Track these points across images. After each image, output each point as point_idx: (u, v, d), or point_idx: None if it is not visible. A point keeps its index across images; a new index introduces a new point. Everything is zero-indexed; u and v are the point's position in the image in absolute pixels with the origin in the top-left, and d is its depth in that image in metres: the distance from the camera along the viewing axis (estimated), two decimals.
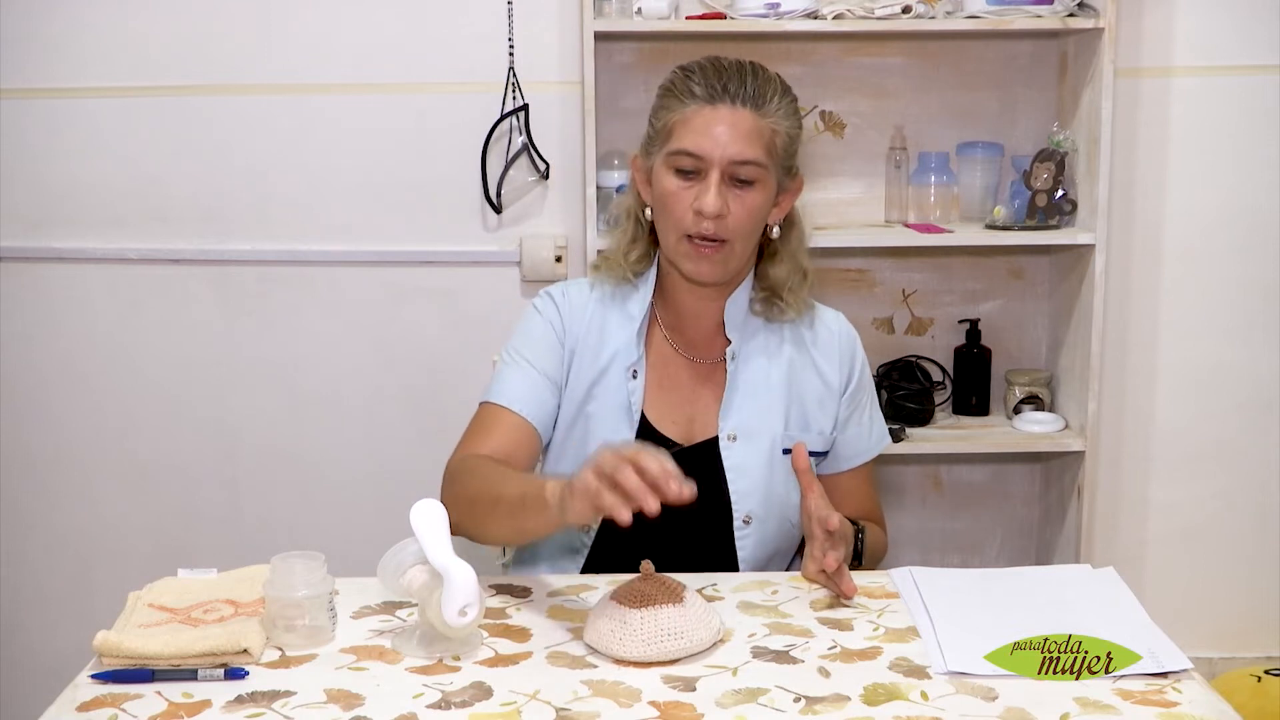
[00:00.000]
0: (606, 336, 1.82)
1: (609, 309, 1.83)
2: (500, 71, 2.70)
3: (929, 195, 2.74)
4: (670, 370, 1.83)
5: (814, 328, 1.86)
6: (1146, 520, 2.94)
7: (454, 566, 1.39)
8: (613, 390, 1.80)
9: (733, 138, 1.68)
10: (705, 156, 1.69)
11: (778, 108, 1.72)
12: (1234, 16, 2.73)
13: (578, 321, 1.83)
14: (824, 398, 1.85)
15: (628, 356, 1.80)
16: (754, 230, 1.74)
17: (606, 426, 1.79)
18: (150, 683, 1.36)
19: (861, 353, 1.90)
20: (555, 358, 1.81)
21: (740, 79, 1.71)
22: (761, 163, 1.70)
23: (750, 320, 1.83)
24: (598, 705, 1.30)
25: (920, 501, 2.96)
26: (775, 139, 1.71)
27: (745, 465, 1.79)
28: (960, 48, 2.76)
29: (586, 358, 1.81)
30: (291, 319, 2.85)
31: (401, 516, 1.43)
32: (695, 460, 1.77)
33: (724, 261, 1.73)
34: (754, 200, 1.71)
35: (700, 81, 1.71)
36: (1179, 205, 2.81)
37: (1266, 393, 2.87)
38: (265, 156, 2.78)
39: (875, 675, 1.37)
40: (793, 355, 1.84)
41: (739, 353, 1.81)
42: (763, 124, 1.70)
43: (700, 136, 1.69)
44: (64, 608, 2.93)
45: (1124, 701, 1.30)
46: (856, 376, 1.87)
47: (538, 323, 1.83)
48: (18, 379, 2.87)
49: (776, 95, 1.72)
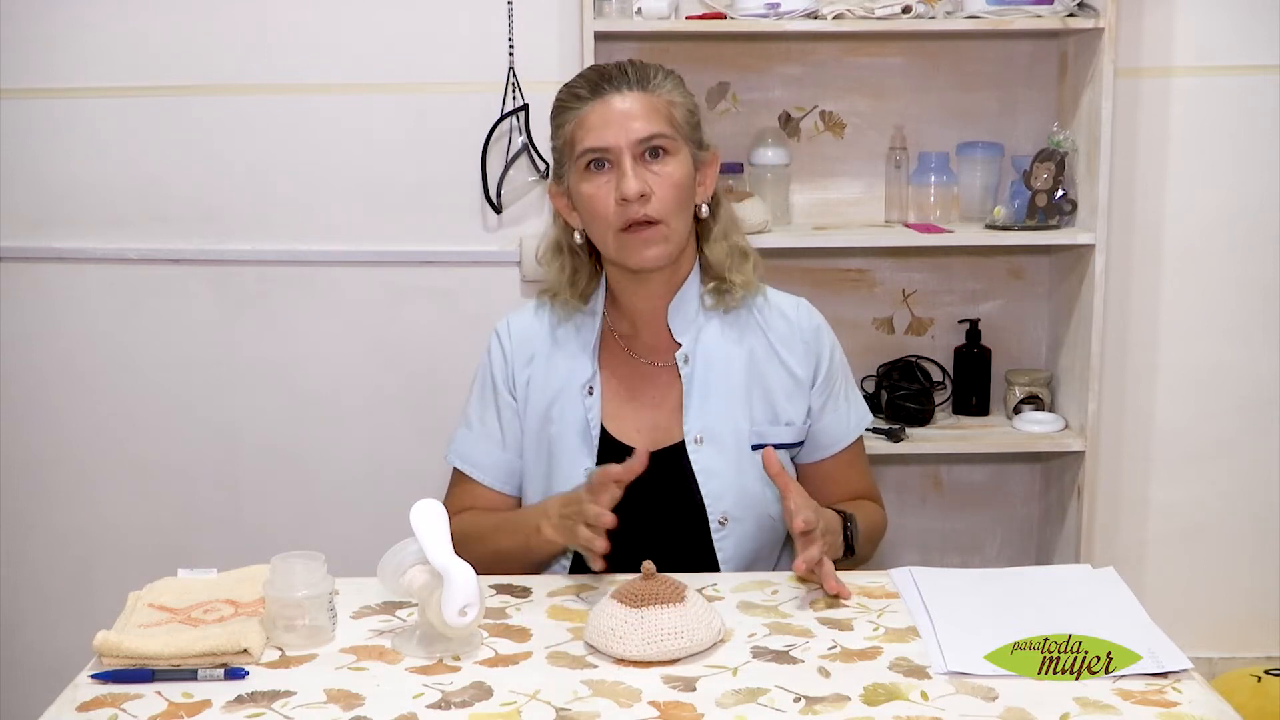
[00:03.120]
0: (558, 357, 1.84)
1: (559, 328, 1.85)
2: (500, 71, 2.70)
3: (929, 195, 2.74)
4: (629, 379, 1.83)
5: (771, 317, 1.85)
6: (1146, 520, 2.94)
7: (454, 566, 1.39)
8: (570, 409, 1.81)
9: (629, 119, 1.71)
10: (611, 146, 1.71)
11: (663, 84, 1.75)
12: (1234, 16, 2.73)
13: (524, 350, 1.85)
14: (791, 390, 1.83)
15: (582, 373, 1.81)
16: (683, 204, 1.75)
17: (569, 446, 1.80)
18: (150, 683, 1.36)
19: (828, 338, 1.87)
20: (510, 418, 1.86)
21: (620, 70, 1.75)
22: (666, 134, 1.72)
23: (702, 316, 1.82)
24: (598, 705, 1.30)
25: (920, 501, 2.96)
26: (673, 111, 1.75)
27: (714, 467, 1.78)
28: (960, 48, 2.76)
29: (538, 382, 1.84)
30: (291, 319, 2.85)
31: (401, 516, 1.43)
32: (663, 466, 1.76)
33: (664, 240, 1.74)
34: (673, 172, 1.73)
35: (582, 84, 1.75)
36: (1179, 205, 2.81)
37: (1266, 393, 2.87)
38: (265, 156, 2.78)
39: (875, 675, 1.37)
40: (754, 347, 1.83)
41: (693, 353, 1.81)
42: (655, 99, 1.74)
43: (601, 129, 1.71)
44: (64, 608, 2.93)
45: (1124, 701, 1.30)
46: (826, 365, 1.85)
47: (486, 378, 1.89)
48: (18, 379, 2.87)
49: (660, 75, 1.76)
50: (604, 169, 1.72)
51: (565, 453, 1.80)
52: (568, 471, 1.79)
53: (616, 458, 1.73)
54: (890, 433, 2.67)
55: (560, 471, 1.81)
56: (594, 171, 1.73)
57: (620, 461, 1.63)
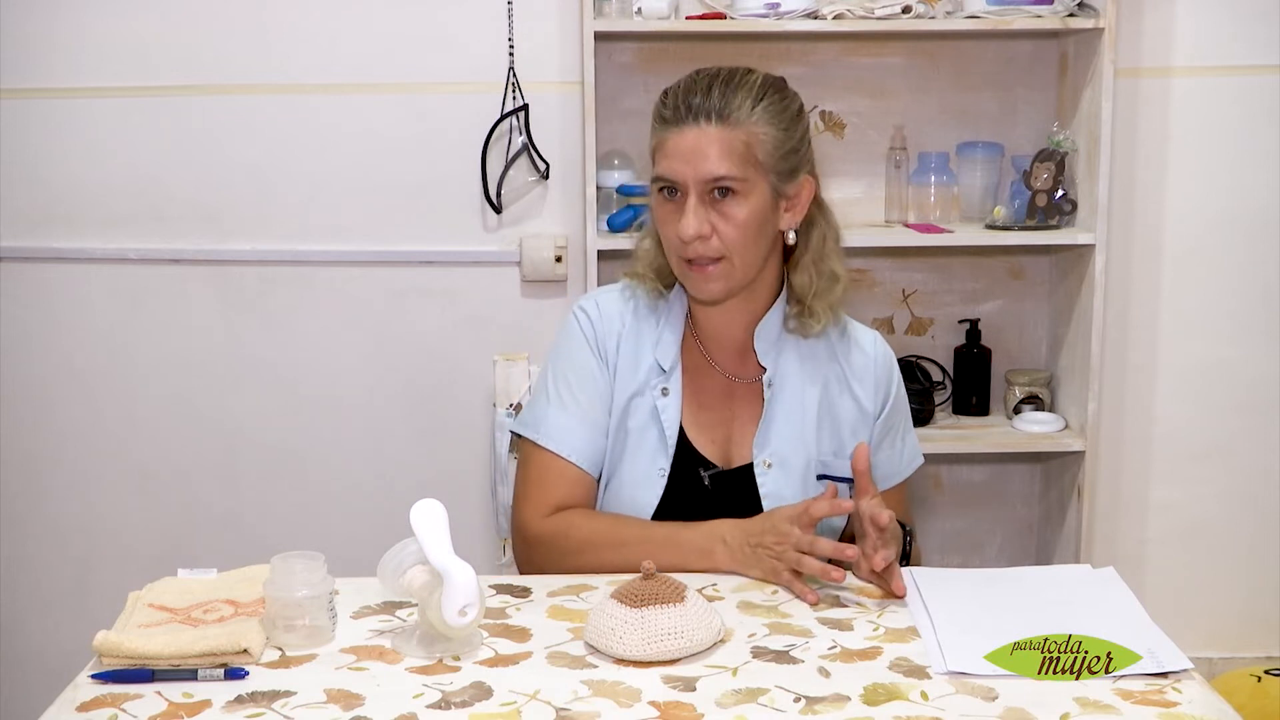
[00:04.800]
0: (642, 350, 1.80)
1: (644, 320, 1.81)
2: (500, 71, 2.70)
3: (929, 195, 2.74)
4: (706, 386, 1.81)
5: (849, 348, 1.83)
6: (1146, 520, 2.94)
7: (454, 566, 1.39)
8: (649, 407, 1.78)
9: (700, 158, 1.66)
10: (679, 180, 1.68)
11: (750, 114, 1.67)
12: (1234, 16, 2.73)
13: (612, 335, 1.80)
14: (857, 423, 1.82)
15: (664, 371, 1.78)
16: (750, 242, 1.70)
17: (646, 445, 1.77)
18: (150, 683, 1.36)
19: (898, 375, 1.87)
20: (604, 396, 1.78)
21: (707, 93, 1.68)
22: (736, 176, 1.67)
23: (784, 339, 1.80)
24: (598, 705, 1.30)
25: (920, 501, 2.96)
26: (753, 147, 1.67)
27: (780, 493, 1.76)
28: (960, 48, 2.76)
29: (624, 373, 1.79)
30: (291, 319, 2.85)
31: (401, 516, 1.43)
32: (732, 484, 1.77)
33: (724, 277, 1.71)
34: (739, 213, 1.68)
35: (669, 104, 1.70)
36: (1179, 205, 2.81)
37: (1266, 393, 2.87)
38: (265, 156, 2.78)
39: (875, 675, 1.37)
40: (828, 378, 1.81)
41: (775, 378, 1.79)
42: (732, 135, 1.66)
43: (671, 161, 1.68)
44: (64, 608, 2.93)
45: (1124, 701, 1.30)
46: (892, 400, 1.84)
47: (581, 351, 1.80)
48: (18, 379, 2.87)
49: (749, 101, 1.68)
50: (674, 196, 1.70)
51: (641, 448, 1.77)
52: (645, 469, 1.77)
53: (691, 464, 1.74)
54: None
55: (635, 467, 1.77)
56: (666, 197, 1.71)
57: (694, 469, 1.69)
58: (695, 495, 1.76)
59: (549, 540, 1.73)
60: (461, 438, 2.83)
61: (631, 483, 1.77)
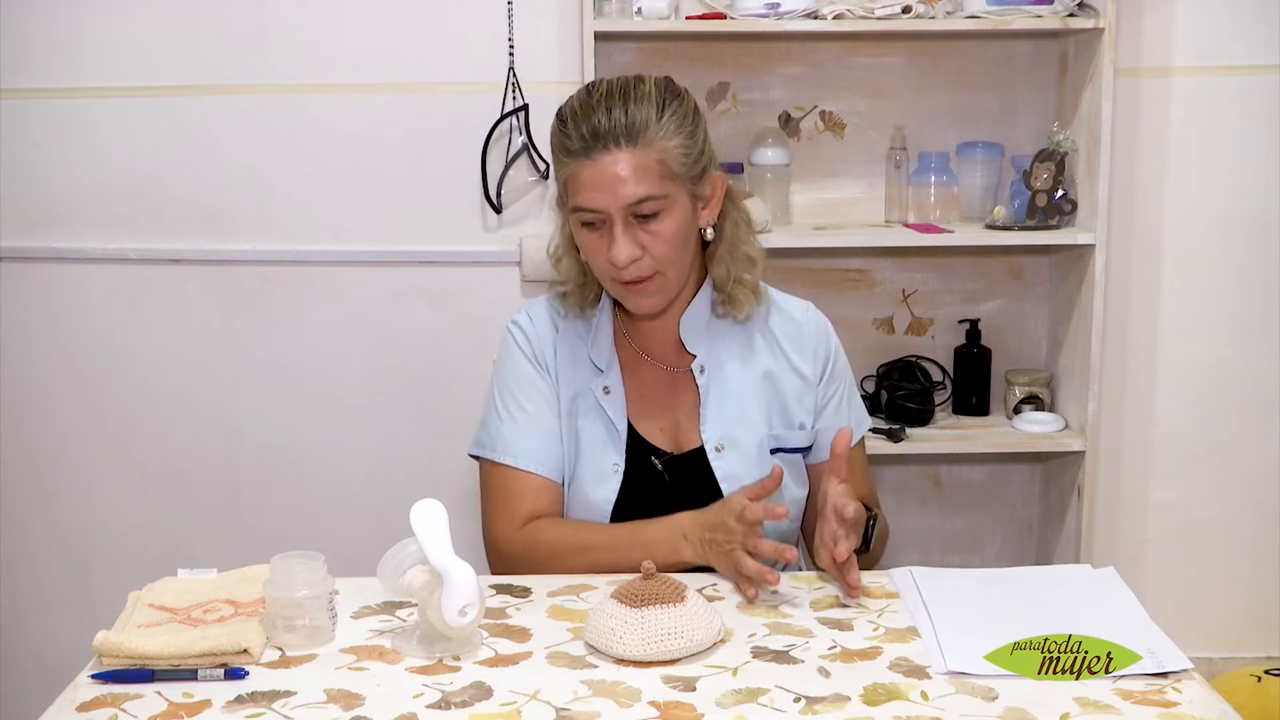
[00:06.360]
0: (578, 352, 1.83)
1: (575, 323, 1.84)
2: (500, 71, 2.70)
3: (929, 195, 2.74)
4: (647, 379, 1.83)
5: (782, 321, 1.86)
6: (1146, 520, 2.94)
7: (454, 566, 1.39)
8: (595, 406, 1.81)
9: (619, 184, 1.65)
10: (601, 209, 1.67)
11: (658, 129, 1.67)
12: (1234, 16, 2.73)
13: (548, 343, 1.84)
14: (802, 391, 1.84)
15: (600, 371, 1.81)
16: (680, 251, 1.72)
17: (598, 442, 1.80)
18: (150, 683, 1.36)
19: (835, 340, 1.89)
20: (551, 401, 1.82)
21: (609, 115, 1.66)
22: (657, 194, 1.67)
23: (715, 325, 1.83)
24: (598, 705, 1.30)
25: (920, 501, 2.96)
26: (666, 162, 1.67)
27: (736, 474, 1.79)
28: (960, 48, 2.76)
29: (565, 375, 1.83)
30: (291, 319, 2.85)
31: (401, 516, 1.43)
32: (687, 470, 1.79)
33: (661, 290, 1.74)
34: (667, 228, 1.69)
35: (573, 134, 1.68)
36: (1179, 205, 2.81)
37: (1266, 393, 2.87)
38: (265, 156, 2.78)
39: (875, 675, 1.37)
40: (767, 355, 1.84)
41: (708, 363, 1.82)
42: (645, 155, 1.66)
43: (590, 192, 1.67)
44: (64, 608, 2.93)
45: (1124, 701, 1.30)
46: (831, 364, 1.87)
47: (521, 364, 1.83)
48: (18, 379, 2.87)
49: (653, 114, 1.67)
50: (598, 227, 1.70)
51: (594, 447, 1.80)
52: (600, 466, 1.79)
53: (644, 456, 1.78)
54: (890, 433, 2.67)
55: (591, 466, 1.80)
56: (589, 228, 1.71)
57: (647, 459, 1.73)
58: (653, 486, 1.79)
59: (520, 553, 1.76)
60: (462, 438, 2.78)
61: (590, 481, 1.79)
